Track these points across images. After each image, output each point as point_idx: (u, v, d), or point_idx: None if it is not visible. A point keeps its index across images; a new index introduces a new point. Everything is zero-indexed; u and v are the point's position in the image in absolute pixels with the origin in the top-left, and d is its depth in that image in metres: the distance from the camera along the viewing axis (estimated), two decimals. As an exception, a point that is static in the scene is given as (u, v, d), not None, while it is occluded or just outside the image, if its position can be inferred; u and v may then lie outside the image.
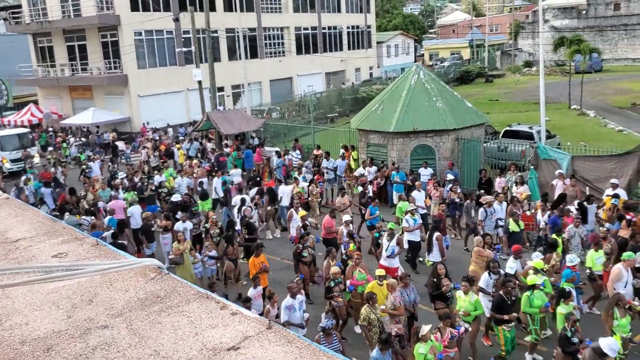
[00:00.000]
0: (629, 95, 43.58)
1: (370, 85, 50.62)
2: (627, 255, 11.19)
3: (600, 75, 56.60)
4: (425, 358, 8.67)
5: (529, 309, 10.28)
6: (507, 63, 72.67)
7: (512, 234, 14.11)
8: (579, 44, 41.82)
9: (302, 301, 10.79)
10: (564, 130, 30.01)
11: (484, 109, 31.47)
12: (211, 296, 2.21)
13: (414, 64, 25.38)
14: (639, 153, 17.37)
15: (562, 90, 41.82)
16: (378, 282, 11.00)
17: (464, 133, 21.35)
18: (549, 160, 18.81)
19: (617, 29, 66.83)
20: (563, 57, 50.49)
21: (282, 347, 1.84)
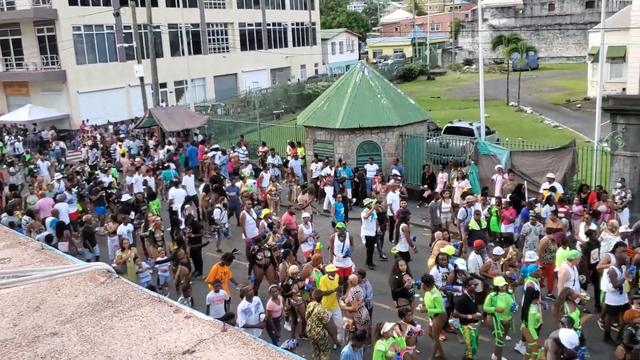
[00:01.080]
0: (564, 92, 45.38)
1: (316, 81, 50.79)
2: (572, 254, 11.45)
3: (537, 73, 58.69)
4: (384, 355, 8.67)
5: (489, 308, 10.28)
6: (448, 61, 74.31)
7: (472, 232, 14.13)
8: (516, 43, 43.26)
9: (258, 303, 10.81)
10: (502, 126, 30.95)
11: (427, 106, 32.10)
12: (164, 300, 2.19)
13: (358, 61, 25.63)
14: (574, 148, 18.09)
15: (500, 87, 43.10)
16: (329, 277, 11.11)
17: (407, 129, 21.75)
18: (489, 156, 19.35)
19: (552, 28, 69.37)
20: (501, 55, 51.99)
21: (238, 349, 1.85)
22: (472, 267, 11.98)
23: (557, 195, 15.98)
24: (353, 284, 10.80)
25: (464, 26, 77.61)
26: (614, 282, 10.70)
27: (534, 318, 9.88)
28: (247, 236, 15.41)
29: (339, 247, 13.15)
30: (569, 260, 11.34)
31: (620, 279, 10.71)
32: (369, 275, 13.24)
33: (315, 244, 13.57)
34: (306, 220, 14.52)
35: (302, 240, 14.30)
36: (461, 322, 10.21)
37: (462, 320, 10.18)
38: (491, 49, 51.25)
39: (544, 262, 12.46)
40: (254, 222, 15.37)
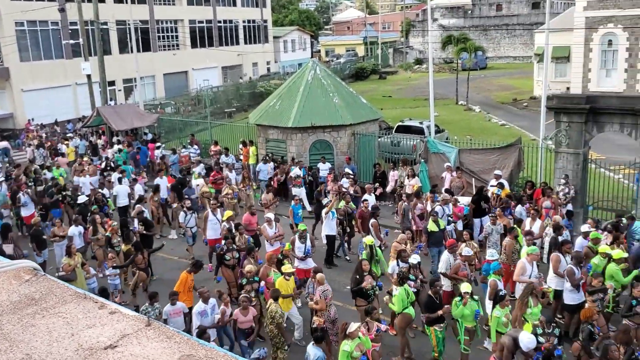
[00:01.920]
0: (511, 92, 46.59)
1: (268, 80, 50.58)
2: (531, 249, 11.68)
3: (485, 73, 60.09)
4: (349, 356, 8.65)
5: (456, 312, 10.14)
6: (399, 60, 75.26)
7: (431, 233, 14.13)
8: (465, 43, 44.17)
9: (214, 305, 10.70)
10: (452, 124, 31.53)
11: (378, 105, 32.40)
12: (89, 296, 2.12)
13: (310, 59, 25.65)
14: (519, 145, 18.58)
15: (450, 86, 43.92)
16: (285, 277, 11.05)
17: (359, 128, 21.90)
18: (438, 154, 19.69)
19: (500, 29, 71.17)
20: (451, 55, 53.04)
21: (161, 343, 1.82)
22: (444, 266, 12.03)
23: (504, 192, 16.39)
24: (320, 282, 10.77)
25: (414, 26, 78.75)
26: (572, 281, 10.89)
27: (498, 321, 9.79)
28: (207, 237, 15.11)
29: (300, 248, 13.04)
30: (527, 255, 11.58)
31: (577, 277, 10.91)
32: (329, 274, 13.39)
33: (283, 245, 13.43)
34: (269, 221, 14.36)
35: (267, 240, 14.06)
36: (427, 324, 10.19)
37: (428, 322, 10.15)
38: (441, 48, 52.20)
39: (513, 263, 12.35)
40: (218, 223, 14.92)
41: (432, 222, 14.10)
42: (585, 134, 16.30)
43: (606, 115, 15.99)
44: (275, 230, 14.27)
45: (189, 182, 19.10)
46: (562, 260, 11.58)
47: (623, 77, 36.95)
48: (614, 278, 11.08)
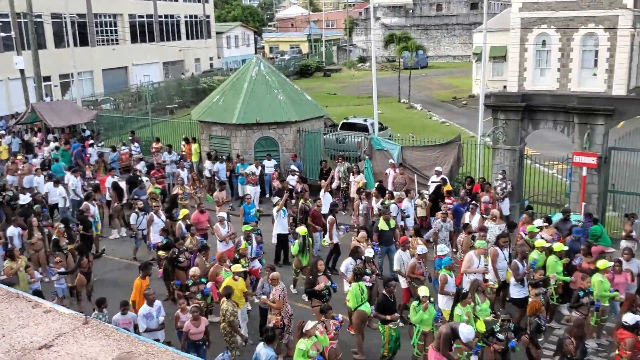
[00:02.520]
0: (451, 90, 47.70)
1: (211, 76, 49.95)
2: (479, 243, 11.94)
3: (426, 71, 61.28)
4: (305, 354, 8.64)
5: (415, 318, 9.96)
6: (343, 58, 75.74)
7: (381, 232, 14.09)
8: (407, 42, 44.91)
9: (159, 307, 10.49)
10: (394, 122, 32.02)
11: (323, 102, 32.54)
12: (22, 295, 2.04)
13: (254, 55, 25.48)
14: (459, 142, 19.05)
15: (393, 85, 44.55)
16: (234, 277, 10.95)
17: (305, 125, 21.93)
18: (382, 151, 19.96)
19: (440, 28, 72.73)
20: (393, 53, 53.76)
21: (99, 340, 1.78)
22: (398, 264, 12.14)
23: (445, 188, 16.78)
24: (276, 281, 10.70)
25: (357, 24, 79.42)
26: (516, 276, 11.21)
27: (460, 319, 9.77)
28: (152, 240, 14.58)
29: (248, 249, 12.83)
30: (476, 249, 11.84)
31: (522, 272, 11.23)
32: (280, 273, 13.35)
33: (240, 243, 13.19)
34: (222, 220, 14.15)
35: (220, 239, 13.81)
36: (382, 322, 10.20)
37: (382, 320, 10.17)
38: (383, 47, 52.86)
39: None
40: (163, 226, 14.52)
41: (382, 221, 14.13)
42: (521, 131, 16.87)
43: (541, 112, 16.60)
44: (228, 229, 14.09)
45: (140, 183, 18.27)
46: (500, 254, 11.96)
47: (556, 76, 38.47)
48: (554, 270, 11.46)
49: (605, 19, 35.75)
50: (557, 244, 12.00)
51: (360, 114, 30.02)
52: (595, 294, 10.50)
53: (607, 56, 36.47)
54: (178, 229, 14.29)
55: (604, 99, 18.84)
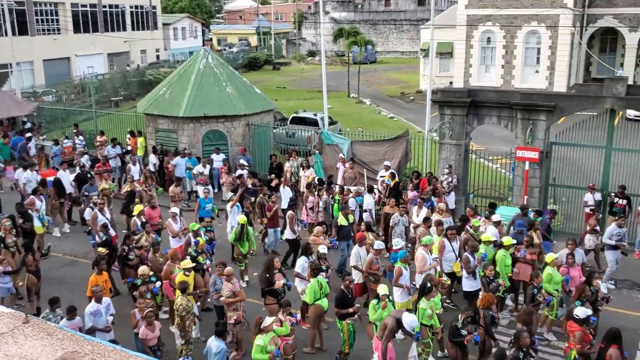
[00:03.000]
0: (399, 85, 48.32)
1: (158, 68, 48.93)
2: (426, 240, 12.10)
3: (375, 67, 61.83)
4: (263, 350, 8.61)
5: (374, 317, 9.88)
6: (292, 52, 75.55)
7: (340, 227, 14.14)
8: (356, 36, 45.19)
9: (108, 304, 10.22)
10: (344, 117, 32.20)
11: (273, 96, 32.34)
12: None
13: (202, 47, 25.09)
14: (407, 137, 19.33)
15: (342, 79, 44.77)
16: (185, 273, 10.80)
17: (254, 119, 21.78)
18: (332, 145, 20.04)
19: (388, 24, 73.44)
20: (342, 48, 53.98)
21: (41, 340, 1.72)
22: (355, 259, 12.19)
23: (392, 182, 17.00)
24: (230, 277, 10.61)
25: (307, 18, 79.32)
26: (468, 269, 11.44)
27: (423, 313, 9.88)
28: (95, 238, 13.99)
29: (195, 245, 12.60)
30: (423, 245, 11.98)
31: (473, 265, 11.46)
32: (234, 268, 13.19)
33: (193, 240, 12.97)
34: (174, 215, 13.89)
35: (172, 235, 13.52)
36: (339, 317, 10.19)
37: (340, 316, 10.16)
38: (333, 41, 53.00)
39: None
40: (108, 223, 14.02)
41: (341, 216, 14.19)
42: (466, 126, 17.27)
43: (485, 108, 17.03)
44: (181, 225, 13.87)
45: (91, 179, 17.44)
46: (447, 246, 12.23)
47: (500, 72, 39.52)
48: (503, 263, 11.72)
49: (547, 18, 36.93)
50: (506, 237, 12.25)
51: (310, 108, 30.06)
52: (545, 287, 10.75)
53: (549, 54, 37.70)
54: (133, 225, 13.94)
55: (546, 95, 19.46)
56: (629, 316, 11.87)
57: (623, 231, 13.23)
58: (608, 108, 15.52)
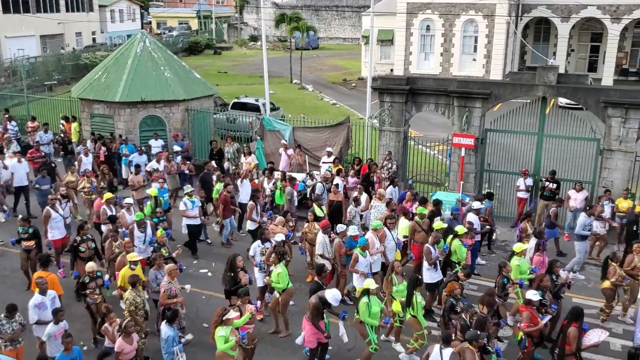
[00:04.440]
0: (341, 72, 48.51)
1: (94, 51, 47.32)
2: (376, 224, 12.21)
3: (317, 52, 61.82)
4: (226, 340, 8.51)
5: (368, 319, 9.44)
6: (234, 36, 74.52)
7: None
8: (298, 22, 45.02)
9: (53, 297, 9.87)
10: (286, 103, 32.11)
11: (214, 81, 31.94)
12: None
13: (139, 31, 24.41)
14: (348, 124, 19.48)
15: (284, 65, 44.58)
16: (130, 267, 10.53)
17: (193, 104, 21.43)
18: (274, 131, 19.97)
19: (330, 10, 73.40)
20: (285, 33, 53.68)
21: None
22: (321, 248, 12.15)
23: (334, 168, 17.12)
24: (171, 275, 10.37)
25: (248, 2, 78.29)
26: (429, 260, 11.49)
27: (421, 305, 9.82)
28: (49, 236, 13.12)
29: (140, 238, 12.33)
30: (373, 230, 12.10)
31: (434, 256, 11.52)
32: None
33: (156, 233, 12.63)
34: (128, 207, 13.52)
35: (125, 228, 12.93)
36: None
37: None
38: (275, 26, 52.64)
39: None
40: (62, 221, 13.30)
41: (316, 208, 14.07)
42: (405, 113, 17.54)
43: (423, 95, 17.33)
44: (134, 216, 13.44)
45: (42, 171, 16.37)
46: (388, 235, 12.36)
47: (439, 60, 40.34)
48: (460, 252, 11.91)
49: (484, 7, 37.86)
50: (460, 226, 12.36)
51: (252, 94, 29.85)
52: (513, 276, 10.93)
53: (486, 42, 38.73)
54: (102, 213, 13.39)
55: (481, 83, 19.99)
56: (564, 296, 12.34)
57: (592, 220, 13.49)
58: (540, 96, 16.08)
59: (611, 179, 15.59)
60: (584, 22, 41.98)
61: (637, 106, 14.97)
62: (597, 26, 41.80)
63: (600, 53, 43.53)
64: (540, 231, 12.26)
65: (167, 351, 9.02)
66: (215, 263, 13.98)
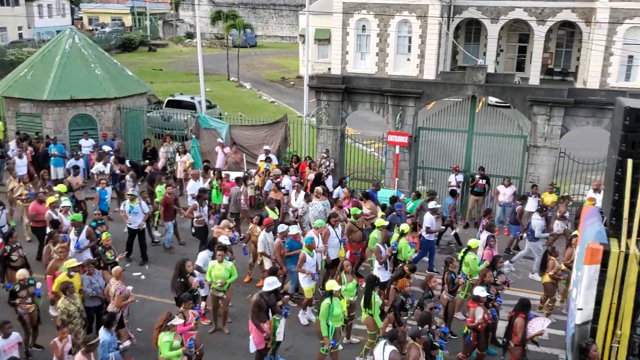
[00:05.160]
0: (279, 70, 48.47)
1: (20, 47, 45.38)
2: (318, 223, 12.16)
3: (255, 50, 61.50)
4: (170, 346, 8.31)
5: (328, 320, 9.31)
6: (169, 33, 73.14)
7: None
8: (235, 20, 44.65)
9: None
10: (224, 100, 31.83)
11: (148, 78, 31.31)
12: None
13: (68, 27, 23.59)
14: (286, 122, 19.49)
15: (221, 62, 44.14)
16: (69, 273, 10.12)
17: (126, 102, 20.93)
18: (210, 130, 19.73)
19: (268, 8, 73.16)
20: (221, 30, 53.14)
21: None
22: (262, 246, 12.00)
23: (272, 167, 17.10)
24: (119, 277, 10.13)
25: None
26: (379, 259, 11.58)
27: (378, 305, 9.79)
28: None
29: (74, 241, 11.91)
30: (315, 228, 12.05)
31: (384, 255, 11.61)
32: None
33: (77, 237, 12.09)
34: (66, 210, 13.02)
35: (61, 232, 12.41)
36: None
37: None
38: (211, 23, 52.01)
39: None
40: None
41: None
42: (342, 111, 17.74)
43: (359, 94, 17.58)
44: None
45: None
46: (332, 232, 12.39)
47: (375, 60, 40.96)
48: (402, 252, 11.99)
49: (418, 7, 38.72)
50: (404, 225, 12.40)
51: (187, 92, 29.43)
52: (468, 271, 11.16)
53: (419, 43, 39.62)
54: (47, 217, 12.80)
55: (414, 82, 20.44)
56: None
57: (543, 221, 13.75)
58: (469, 95, 16.61)
59: (537, 174, 16.28)
60: (512, 24, 43.60)
61: (560, 104, 15.70)
62: (524, 27, 43.52)
63: (527, 53, 45.32)
64: (491, 224, 12.61)
65: (102, 357, 8.68)
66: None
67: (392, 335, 8.39)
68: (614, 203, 8.20)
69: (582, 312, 8.28)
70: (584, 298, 8.23)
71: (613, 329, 8.09)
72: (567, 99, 15.67)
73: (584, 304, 8.23)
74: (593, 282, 8.09)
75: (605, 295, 8.04)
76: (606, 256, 7.96)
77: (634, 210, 8.01)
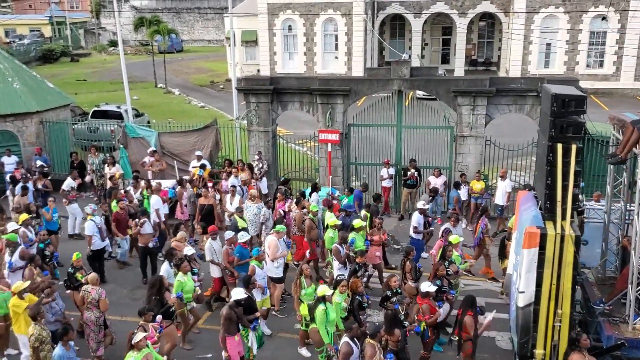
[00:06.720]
0: (207, 74, 47.91)
1: None
2: (279, 227, 11.97)
3: (182, 55, 60.55)
4: None
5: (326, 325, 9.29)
6: (92, 42, 70.97)
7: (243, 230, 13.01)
8: (158, 25, 43.82)
9: None
10: (152, 108, 31.22)
11: (72, 90, 30.36)
12: None
13: (-19, 40, 22.55)
14: (216, 126, 19.32)
15: (148, 69, 43.19)
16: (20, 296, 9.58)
17: (48, 115, 20.21)
18: (138, 138, 19.29)
19: (192, 12, 72.14)
20: (146, 37, 52.04)
21: None
22: (209, 254, 11.78)
23: (206, 172, 16.92)
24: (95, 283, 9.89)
25: (105, 6, 74.79)
26: (339, 259, 11.54)
27: (339, 307, 9.73)
28: None
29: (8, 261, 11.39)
30: (276, 232, 11.88)
31: (343, 255, 11.56)
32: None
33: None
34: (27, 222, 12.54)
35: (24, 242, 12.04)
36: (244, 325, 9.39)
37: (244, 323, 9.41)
38: (134, 30, 50.87)
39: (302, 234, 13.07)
40: None
41: (239, 219, 13.53)
42: (272, 112, 17.76)
43: (288, 95, 17.66)
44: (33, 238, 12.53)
45: None
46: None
47: (303, 59, 41.14)
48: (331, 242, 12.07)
49: (342, 5, 39.18)
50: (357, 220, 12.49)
51: (113, 101, 28.70)
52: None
53: (346, 40, 40.09)
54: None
55: (341, 80, 20.68)
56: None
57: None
58: (396, 89, 16.98)
59: (466, 163, 16.85)
60: (435, 17, 44.80)
61: (483, 94, 16.29)
62: (446, 21, 44.80)
63: (451, 46, 46.69)
64: (451, 215, 12.90)
65: None
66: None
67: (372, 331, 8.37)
68: (547, 187, 8.47)
69: (524, 295, 8.44)
70: (524, 281, 8.40)
71: (555, 309, 8.29)
72: (489, 88, 16.28)
73: (525, 287, 8.40)
74: (533, 265, 8.26)
75: (545, 277, 8.24)
76: (543, 239, 8.16)
77: (566, 193, 8.29)
